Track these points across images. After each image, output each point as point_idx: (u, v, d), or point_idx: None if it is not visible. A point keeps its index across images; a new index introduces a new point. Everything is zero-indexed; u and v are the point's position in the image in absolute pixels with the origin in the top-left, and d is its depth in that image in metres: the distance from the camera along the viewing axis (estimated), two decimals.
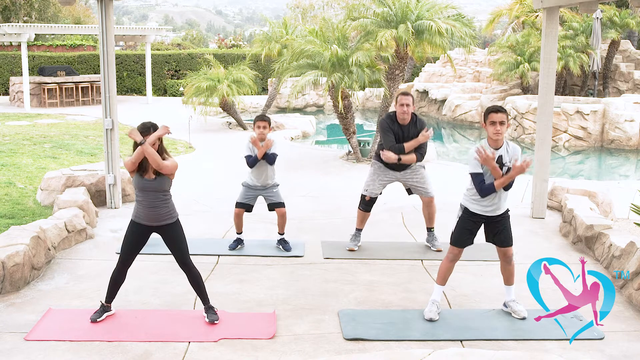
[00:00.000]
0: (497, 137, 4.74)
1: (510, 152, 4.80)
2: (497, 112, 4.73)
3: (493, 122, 4.72)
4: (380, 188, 6.60)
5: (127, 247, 4.85)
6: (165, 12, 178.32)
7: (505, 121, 4.73)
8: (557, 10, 7.99)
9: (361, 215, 6.69)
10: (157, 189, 4.74)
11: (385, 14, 11.59)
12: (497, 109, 4.76)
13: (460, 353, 3.72)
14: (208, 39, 65.41)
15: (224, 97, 15.61)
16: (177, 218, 4.87)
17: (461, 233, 4.97)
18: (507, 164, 4.77)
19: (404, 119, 6.29)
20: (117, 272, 4.87)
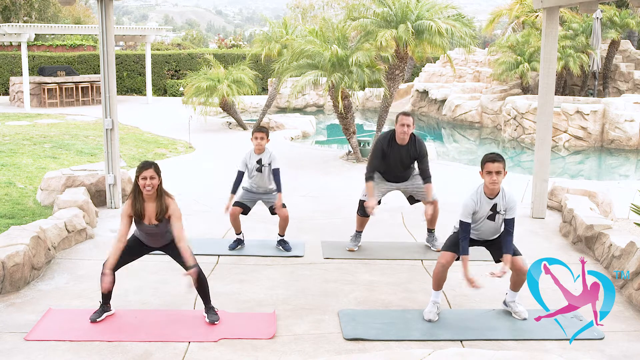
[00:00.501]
0: (493, 186, 4.73)
1: (507, 201, 4.80)
2: (493, 162, 4.68)
3: (489, 172, 4.69)
4: (378, 196, 6.59)
5: (121, 257, 4.75)
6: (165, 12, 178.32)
7: (501, 170, 4.69)
8: (557, 10, 8.00)
9: (360, 220, 6.70)
10: (161, 233, 4.73)
11: (385, 14, 11.59)
12: (494, 158, 4.70)
13: (460, 353, 3.72)
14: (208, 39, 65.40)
15: (224, 97, 15.61)
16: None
17: (454, 244, 4.96)
18: (501, 211, 4.79)
19: (402, 139, 6.28)
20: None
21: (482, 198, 4.79)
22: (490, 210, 4.80)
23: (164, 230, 4.73)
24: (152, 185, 4.56)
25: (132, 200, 4.66)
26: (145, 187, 4.56)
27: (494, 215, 4.81)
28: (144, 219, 4.66)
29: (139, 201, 4.64)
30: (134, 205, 4.64)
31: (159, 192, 4.65)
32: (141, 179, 4.56)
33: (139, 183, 4.58)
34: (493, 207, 4.79)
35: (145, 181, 4.55)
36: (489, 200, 4.79)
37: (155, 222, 4.66)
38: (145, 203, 4.65)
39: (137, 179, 4.60)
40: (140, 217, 4.66)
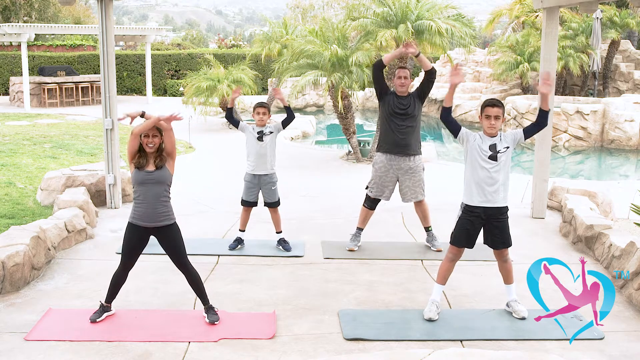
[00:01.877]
0: (491, 131, 4.80)
1: (505, 138, 4.87)
2: (492, 107, 4.75)
3: (488, 116, 4.77)
4: (382, 191, 6.56)
5: (127, 250, 4.83)
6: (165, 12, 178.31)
7: (500, 116, 4.76)
8: (557, 10, 7.99)
9: (365, 213, 6.67)
10: (159, 180, 4.73)
11: (385, 14, 11.60)
12: (494, 102, 4.78)
13: (460, 353, 3.72)
14: (208, 39, 65.39)
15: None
16: (175, 221, 4.85)
17: (460, 232, 4.97)
18: (500, 150, 4.82)
19: (402, 92, 6.35)
20: (118, 274, 4.86)
21: (483, 136, 4.86)
22: (490, 149, 4.81)
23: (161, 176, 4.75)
24: (154, 143, 4.70)
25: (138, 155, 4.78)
26: (148, 145, 4.69)
27: (495, 155, 4.81)
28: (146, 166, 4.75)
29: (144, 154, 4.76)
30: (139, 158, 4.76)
31: (159, 149, 4.79)
32: (144, 137, 4.69)
33: (142, 141, 4.70)
34: (492, 147, 4.81)
35: (147, 139, 4.69)
36: (489, 138, 4.83)
37: (153, 168, 4.74)
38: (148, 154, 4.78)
39: (140, 137, 4.71)
40: (143, 166, 4.75)
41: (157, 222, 4.76)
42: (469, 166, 4.93)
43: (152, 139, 4.70)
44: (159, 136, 4.75)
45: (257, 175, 6.44)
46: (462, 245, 4.98)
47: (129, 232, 4.83)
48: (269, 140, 6.38)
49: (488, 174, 4.84)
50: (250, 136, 6.41)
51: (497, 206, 4.90)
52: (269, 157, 6.41)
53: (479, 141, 4.85)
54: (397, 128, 6.36)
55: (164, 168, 4.78)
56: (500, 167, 4.84)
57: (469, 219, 4.94)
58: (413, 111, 6.36)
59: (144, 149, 4.74)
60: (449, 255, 5.02)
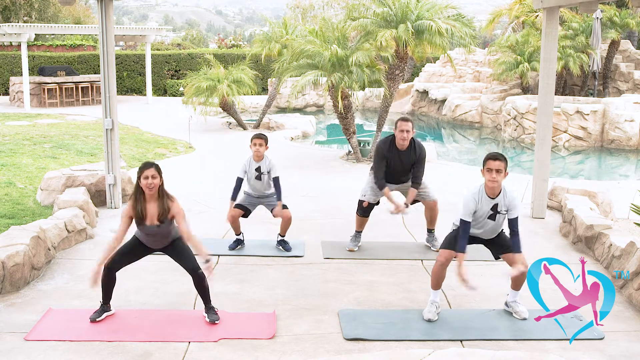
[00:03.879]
0: (492, 184, 4.73)
1: (507, 201, 4.80)
2: (494, 160, 4.68)
3: (489, 170, 4.69)
4: (378, 196, 6.60)
5: (121, 258, 4.78)
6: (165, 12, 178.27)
7: (502, 170, 4.68)
8: (557, 10, 8.00)
9: (359, 220, 6.71)
10: (163, 233, 4.73)
11: (385, 14, 11.59)
12: (496, 156, 4.70)
13: (460, 353, 3.72)
14: (208, 39, 65.39)
15: (224, 97, 15.61)
16: (180, 236, 4.84)
17: (452, 242, 4.96)
18: (501, 211, 4.80)
19: (402, 145, 6.29)
20: (105, 277, 4.78)
21: (483, 197, 4.79)
22: (491, 210, 4.80)
23: (165, 231, 4.73)
24: (153, 184, 4.58)
25: (133, 202, 4.67)
26: (148, 187, 4.57)
27: (494, 215, 4.82)
28: (145, 220, 4.66)
29: (141, 202, 4.65)
30: (135, 207, 4.65)
31: (160, 192, 4.67)
32: (143, 178, 4.58)
33: (141, 183, 4.60)
34: (494, 207, 4.79)
35: (147, 180, 4.57)
36: (490, 199, 4.79)
37: (157, 222, 4.66)
38: (147, 204, 4.66)
39: (139, 179, 4.62)
40: (141, 219, 4.66)
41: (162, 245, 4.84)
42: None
43: (151, 180, 4.57)
44: (159, 177, 4.63)
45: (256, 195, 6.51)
46: (454, 250, 4.95)
47: (133, 243, 4.83)
48: (266, 179, 6.41)
49: (486, 228, 4.94)
50: (250, 173, 6.42)
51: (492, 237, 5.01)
52: (266, 186, 6.46)
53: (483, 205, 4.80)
54: (396, 177, 6.49)
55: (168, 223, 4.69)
56: (498, 222, 4.90)
57: None
58: (411, 166, 6.40)
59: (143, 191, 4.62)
60: (440, 259, 4.96)
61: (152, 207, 4.66)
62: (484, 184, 4.80)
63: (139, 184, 4.63)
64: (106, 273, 4.78)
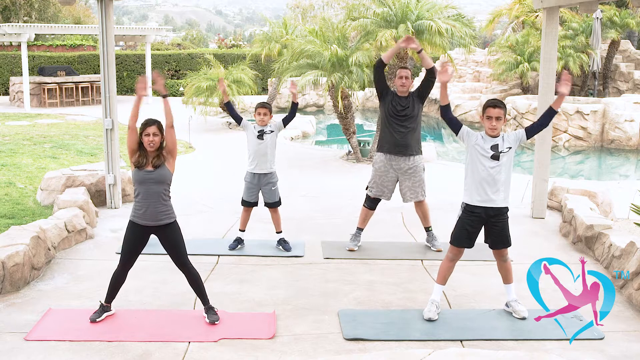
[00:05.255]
0: (492, 132, 4.80)
1: (507, 138, 4.86)
2: (494, 107, 4.75)
3: (489, 117, 4.76)
4: (382, 191, 6.56)
5: (127, 249, 4.84)
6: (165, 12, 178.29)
7: (501, 117, 4.75)
8: (557, 10, 8.00)
9: (365, 213, 6.67)
10: (158, 180, 4.73)
11: (385, 14, 11.59)
12: (495, 103, 4.78)
13: (460, 353, 3.72)
14: (208, 39, 65.37)
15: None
16: (175, 219, 4.85)
17: (460, 232, 4.97)
18: (503, 150, 4.81)
19: (403, 92, 6.35)
20: (118, 274, 4.86)
21: (485, 136, 4.85)
22: (492, 149, 4.80)
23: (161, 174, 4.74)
24: (154, 142, 4.70)
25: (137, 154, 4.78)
26: (149, 144, 4.68)
27: (497, 155, 4.80)
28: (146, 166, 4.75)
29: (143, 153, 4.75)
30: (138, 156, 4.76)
31: (160, 146, 4.78)
32: (144, 135, 4.69)
33: (143, 139, 4.70)
34: (494, 147, 4.80)
35: (148, 137, 4.68)
36: (491, 138, 4.83)
37: (152, 168, 4.73)
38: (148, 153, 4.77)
39: (141, 135, 4.70)
40: (142, 165, 4.74)
41: (157, 221, 4.76)
42: (470, 165, 4.93)
43: (152, 137, 4.69)
44: (160, 135, 4.74)
45: (257, 175, 6.43)
46: (462, 245, 4.98)
47: (129, 230, 4.84)
48: (269, 139, 6.38)
49: (489, 174, 4.83)
50: (251, 135, 6.41)
51: (497, 206, 4.90)
52: (269, 156, 6.41)
53: (481, 141, 4.84)
54: (397, 128, 6.37)
55: (163, 167, 4.76)
56: (501, 167, 4.83)
57: (469, 218, 4.94)
58: (413, 112, 6.35)
59: (145, 147, 4.72)
60: (449, 255, 5.02)
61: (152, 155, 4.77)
62: (484, 131, 4.87)
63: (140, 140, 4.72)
64: (121, 269, 4.83)
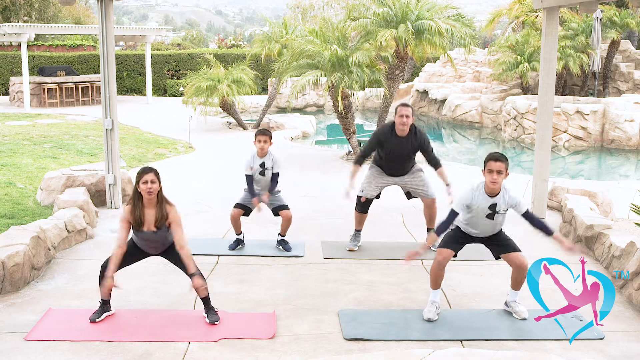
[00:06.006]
0: (493, 186, 4.72)
1: (508, 201, 4.80)
2: (495, 161, 4.67)
3: (490, 171, 4.69)
4: (376, 190, 6.60)
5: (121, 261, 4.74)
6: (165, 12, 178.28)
7: (503, 170, 4.68)
8: (557, 10, 7.99)
9: (358, 217, 6.70)
10: (160, 239, 4.71)
11: (385, 14, 11.60)
12: (497, 157, 4.69)
13: (460, 353, 3.72)
14: (208, 39, 65.38)
15: (224, 97, 15.61)
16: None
17: (450, 241, 4.96)
18: (500, 211, 4.80)
19: (402, 130, 6.27)
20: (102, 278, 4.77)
21: (481, 195, 4.79)
22: (489, 209, 4.79)
23: (162, 237, 4.71)
24: (152, 189, 4.56)
25: (131, 207, 4.64)
26: (147, 192, 4.55)
27: (492, 214, 4.81)
28: (143, 226, 4.65)
29: (139, 207, 4.63)
30: (133, 212, 4.62)
31: (159, 198, 4.65)
32: (142, 183, 4.56)
33: (140, 188, 4.58)
34: (492, 207, 4.78)
35: (146, 185, 4.55)
36: (489, 198, 4.78)
37: (154, 228, 4.65)
38: (145, 209, 4.64)
39: (138, 184, 4.59)
40: (139, 224, 4.65)
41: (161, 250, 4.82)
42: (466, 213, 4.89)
43: (150, 185, 4.55)
44: (158, 182, 4.61)
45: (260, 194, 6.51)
46: (450, 249, 4.94)
47: (129, 247, 4.78)
48: (270, 175, 6.41)
49: (484, 227, 4.92)
50: (254, 171, 6.41)
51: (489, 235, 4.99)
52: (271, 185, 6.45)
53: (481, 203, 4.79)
54: (395, 166, 6.48)
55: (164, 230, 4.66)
56: (496, 222, 4.88)
57: (461, 234, 4.98)
58: (411, 153, 6.39)
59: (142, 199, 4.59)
60: (438, 258, 4.94)
61: (150, 213, 4.64)
62: (485, 183, 4.80)
63: (137, 189, 4.61)
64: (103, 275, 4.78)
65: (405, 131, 6.27)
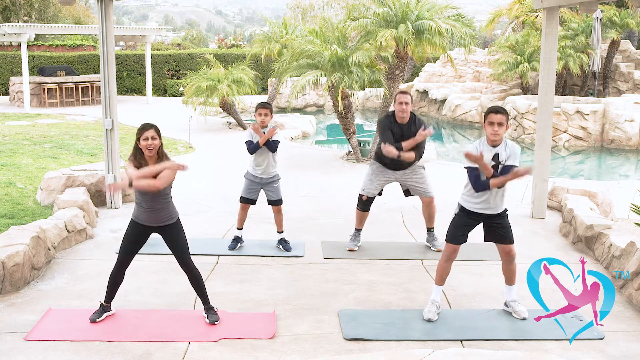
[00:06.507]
0: (494, 137, 4.76)
1: (508, 151, 4.81)
2: (496, 113, 4.73)
3: (491, 123, 4.74)
4: (378, 188, 6.60)
5: (126, 246, 4.82)
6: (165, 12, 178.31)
7: (504, 122, 4.73)
8: (557, 10, 7.99)
9: (359, 215, 6.70)
10: (160, 194, 4.70)
11: (385, 14, 11.59)
12: (497, 109, 4.76)
13: (460, 353, 3.72)
14: (208, 39, 65.39)
15: (224, 97, 15.61)
16: (178, 218, 4.85)
17: (456, 229, 4.95)
18: (503, 161, 4.79)
19: (402, 118, 6.28)
20: (115, 272, 4.84)
21: (484, 146, 4.82)
22: (493, 160, 4.78)
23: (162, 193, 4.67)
24: (153, 145, 4.56)
25: (134, 161, 4.62)
26: (147, 148, 4.55)
27: (497, 165, 4.79)
28: None
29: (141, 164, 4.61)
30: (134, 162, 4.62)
31: (159, 154, 4.66)
32: (142, 139, 4.55)
33: (141, 144, 4.56)
34: (495, 157, 4.78)
35: (147, 142, 4.54)
36: (492, 148, 4.80)
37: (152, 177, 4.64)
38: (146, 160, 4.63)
39: (138, 140, 4.58)
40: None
41: (159, 222, 4.76)
42: None
43: (151, 141, 4.57)
44: (159, 139, 4.65)
45: (259, 176, 6.46)
46: (458, 242, 4.95)
47: (130, 228, 4.82)
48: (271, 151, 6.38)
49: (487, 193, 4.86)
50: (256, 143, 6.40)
51: (495, 213, 4.92)
52: (271, 159, 6.43)
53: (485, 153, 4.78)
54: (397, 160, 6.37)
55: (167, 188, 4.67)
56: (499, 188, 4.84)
57: (466, 219, 4.95)
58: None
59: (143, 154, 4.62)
60: (445, 254, 4.99)
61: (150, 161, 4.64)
62: (486, 137, 4.83)
63: (137, 145, 4.59)
64: (118, 268, 4.81)
65: (406, 118, 6.29)
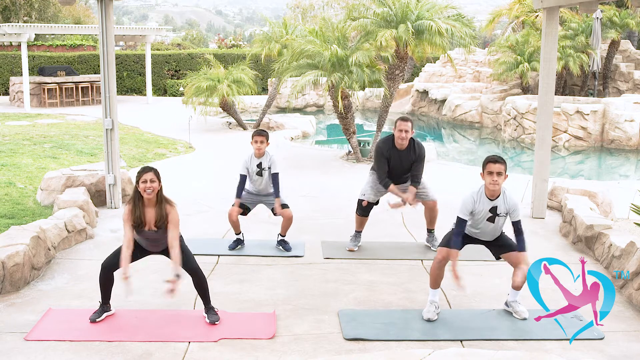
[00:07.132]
0: (493, 187, 4.73)
1: (508, 204, 4.80)
2: (495, 163, 4.69)
3: (490, 172, 4.70)
4: (377, 196, 6.61)
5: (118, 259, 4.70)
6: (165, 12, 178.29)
7: (503, 172, 4.69)
8: (557, 10, 8.00)
9: (359, 220, 6.71)
10: (161, 238, 4.69)
11: (385, 14, 11.59)
12: (496, 159, 4.71)
13: (460, 353, 3.72)
14: (208, 39, 65.37)
15: (224, 97, 15.61)
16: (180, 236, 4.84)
17: (454, 237, 4.95)
18: (501, 214, 4.80)
19: (401, 145, 6.29)
20: (103, 277, 4.78)
21: (483, 198, 4.80)
22: (490, 212, 4.80)
23: (163, 237, 4.70)
24: (152, 188, 4.54)
25: (132, 207, 4.62)
26: (146, 191, 4.54)
27: (493, 217, 4.82)
28: (144, 226, 4.65)
29: (139, 207, 4.62)
30: (133, 212, 4.62)
31: (159, 197, 4.64)
32: (141, 182, 4.55)
33: (139, 187, 4.57)
34: (493, 209, 4.79)
35: (145, 184, 4.54)
36: (489, 201, 4.79)
37: (155, 228, 4.65)
38: (146, 209, 4.63)
39: (137, 183, 4.59)
40: (140, 224, 4.64)
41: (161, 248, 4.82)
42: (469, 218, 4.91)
43: (149, 184, 4.53)
44: (158, 182, 4.60)
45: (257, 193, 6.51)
46: (456, 247, 4.94)
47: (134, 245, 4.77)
48: (267, 175, 6.42)
49: (485, 229, 4.92)
50: (252, 171, 6.43)
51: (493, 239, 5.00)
52: (268, 185, 6.46)
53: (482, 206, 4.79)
54: (396, 177, 6.45)
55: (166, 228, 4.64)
56: (497, 225, 4.89)
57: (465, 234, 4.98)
58: (410, 165, 6.39)
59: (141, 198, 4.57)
60: (438, 257, 4.96)
61: (150, 212, 4.63)
62: (484, 186, 4.81)
63: (137, 189, 4.60)
64: (104, 273, 4.77)
65: (404, 145, 6.31)
